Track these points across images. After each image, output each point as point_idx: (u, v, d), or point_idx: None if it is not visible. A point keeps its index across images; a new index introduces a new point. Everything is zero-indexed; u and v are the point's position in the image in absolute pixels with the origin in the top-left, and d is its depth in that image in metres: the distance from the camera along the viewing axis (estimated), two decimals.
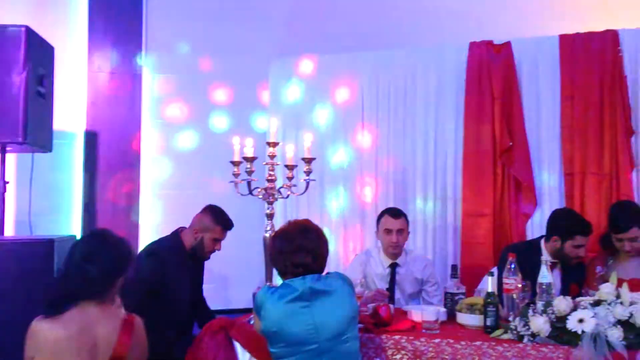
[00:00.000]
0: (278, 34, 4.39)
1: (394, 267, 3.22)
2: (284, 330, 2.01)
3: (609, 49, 3.48)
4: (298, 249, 2.09)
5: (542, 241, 2.99)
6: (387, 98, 3.98)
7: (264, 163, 2.64)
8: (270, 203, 2.63)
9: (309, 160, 2.72)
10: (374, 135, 4.01)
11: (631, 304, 2.02)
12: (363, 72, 4.05)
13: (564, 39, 3.59)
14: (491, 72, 3.69)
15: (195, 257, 3.04)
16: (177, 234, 3.04)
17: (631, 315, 2.00)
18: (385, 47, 4.10)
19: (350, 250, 3.97)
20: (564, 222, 2.94)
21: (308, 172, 2.71)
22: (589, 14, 3.87)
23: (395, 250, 3.19)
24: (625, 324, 1.99)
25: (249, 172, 2.59)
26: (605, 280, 2.85)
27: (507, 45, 3.70)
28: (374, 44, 4.15)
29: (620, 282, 2.32)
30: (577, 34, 3.58)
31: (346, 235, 4.02)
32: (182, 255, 2.98)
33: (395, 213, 3.23)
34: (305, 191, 2.74)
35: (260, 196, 2.63)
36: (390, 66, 3.99)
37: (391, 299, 3.09)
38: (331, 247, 3.66)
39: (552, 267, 2.86)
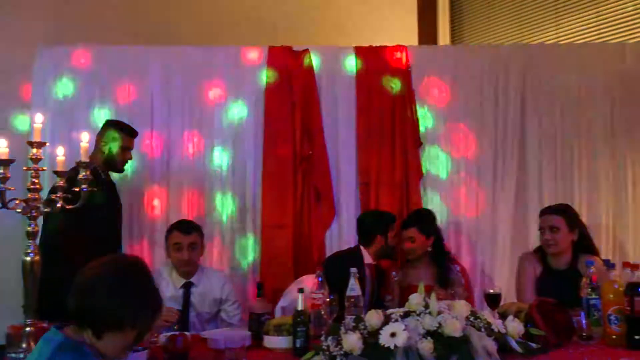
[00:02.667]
0: (47, 22, 3.73)
1: (188, 287, 2.86)
2: None
3: (401, 64, 3.64)
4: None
5: (362, 248, 2.98)
6: (180, 99, 3.60)
7: (25, 168, 2.09)
8: (33, 218, 2.08)
9: (86, 166, 2.23)
10: (164, 139, 3.60)
11: (439, 313, 2.01)
12: (153, 69, 3.61)
13: (360, 51, 3.66)
14: (291, 79, 3.59)
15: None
16: None
17: (440, 325, 1.97)
18: (178, 43, 3.74)
19: None
20: (379, 220, 3.05)
21: (86, 181, 2.21)
22: (383, 29, 4.05)
23: (186, 268, 2.84)
24: (435, 335, 1.96)
25: (3, 179, 2.01)
26: (401, 285, 2.93)
27: (306, 52, 3.65)
28: (165, 39, 3.77)
29: (414, 289, 2.33)
30: (372, 47, 3.69)
31: (133, 253, 3.51)
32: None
33: (185, 227, 2.88)
34: (82, 202, 2.24)
35: (19, 210, 2.06)
36: (184, 64, 3.63)
37: (185, 324, 2.73)
38: None
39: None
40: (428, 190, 3.63)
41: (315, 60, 3.63)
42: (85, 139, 2.29)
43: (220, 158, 3.60)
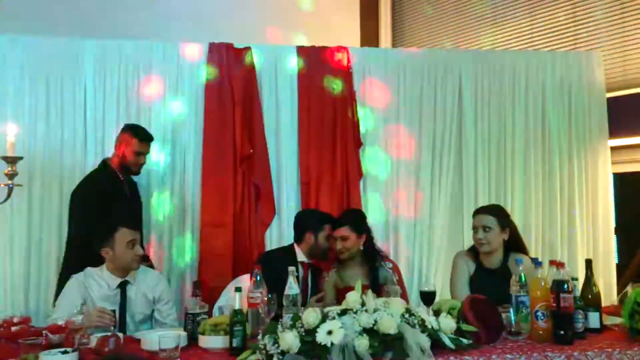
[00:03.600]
0: None
1: (124, 285, 2.77)
2: None
3: (342, 65, 3.66)
4: None
5: (295, 245, 2.97)
6: (116, 94, 3.49)
7: None
8: None
9: (12, 160, 2.12)
10: (100, 134, 3.47)
11: (375, 310, 2.03)
12: (87, 62, 3.48)
13: (302, 51, 3.66)
14: (231, 76, 3.54)
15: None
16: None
17: (375, 322, 2.00)
18: (112, 36, 3.62)
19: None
20: (311, 217, 3.05)
21: (11, 175, 2.10)
22: (326, 30, 4.06)
23: (138, 264, 2.77)
24: (370, 332, 1.98)
25: None
26: (337, 287, 2.95)
27: (248, 50, 3.61)
28: (98, 32, 3.63)
29: (351, 289, 2.35)
30: (313, 47, 3.69)
31: None
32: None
33: (132, 223, 2.80)
34: (6, 199, 2.13)
35: None
36: (120, 58, 3.52)
37: (122, 325, 2.64)
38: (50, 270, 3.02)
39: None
40: (368, 190, 3.67)
41: (256, 58, 3.61)
42: (12, 132, 2.18)
43: (158, 156, 3.51)
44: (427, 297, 2.54)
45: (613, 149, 4.03)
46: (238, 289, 2.20)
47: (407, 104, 3.77)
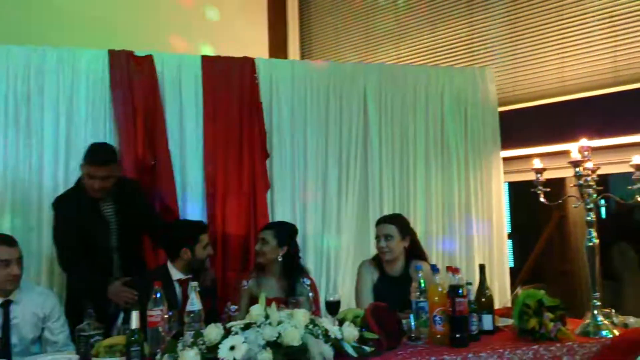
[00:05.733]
0: None
1: (7, 305, 2.57)
2: None
3: (247, 76, 3.64)
4: None
5: (168, 263, 2.87)
6: (4, 100, 3.25)
7: None
8: None
9: None
10: None
11: (279, 323, 2.02)
12: None
13: (207, 61, 3.60)
14: (132, 85, 3.41)
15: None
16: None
17: (280, 335, 1.99)
18: (4, 42, 3.38)
19: None
20: (183, 231, 2.92)
21: None
22: (234, 40, 4.02)
23: (15, 285, 2.57)
24: (274, 345, 1.97)
25: None
26: (252, 295, 2.89)
27: (149, 58, 3.50)
28: None
29: (267, 301, 2.33)
30: (219, 57, 3.65)
31: None
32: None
33: (9, 240, 2.60)
34: None
35: None
36: (10, 64, 3.29)
37: (6, 350, 2.45)
38: None
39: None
40: (276, 201, 3.66)
41: (159, 67, 3.50)
42: None
43: (55, 168, 3.30)
44: (332, 307, 2.57)
45: (506, 159, 4.29)
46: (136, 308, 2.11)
47: (313, 115, 3.81)
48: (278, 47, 5.40)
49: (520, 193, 4.53)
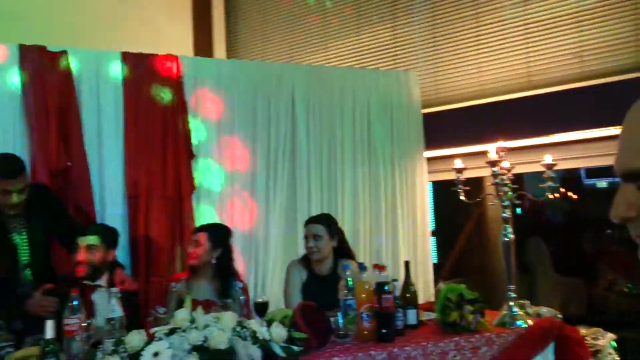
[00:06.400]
0: None
1: None
2: None
3: (171, 74, 3.54)
4: None
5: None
6: None
7: None
8: None
9: None
10: None
11: (206, 326, 1.97)
12: None
13: (127, 57, 3.46)
14: (45, 82, 3.22)
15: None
16: None
17: (206, 339, 1.94)
18: None
19: None
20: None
21: None
22: (158, 38, 3.89)
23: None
24: (201, 349, 1.92)
25: None
26: (181, 298, 2.81)
27: (64, 54, 3.31)
28: None
29: (194, 302, 2.27)
30: (140, 54, 3.51)
31: None
32: None
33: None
34: None
35: None
36: None
37: None
38: None
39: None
40: (201, 203, 3.58)
41: (74, 63, 3.32)
42: None
43: None
44: (260, 308, 2.55)
45: (430, 159, 4.43)
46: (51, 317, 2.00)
47: (241, 115, 3.76)
48: (203, 47, 5.30)
49: (444, 192, 4.69)
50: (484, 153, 2.91)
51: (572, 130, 3.78)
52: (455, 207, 4.51)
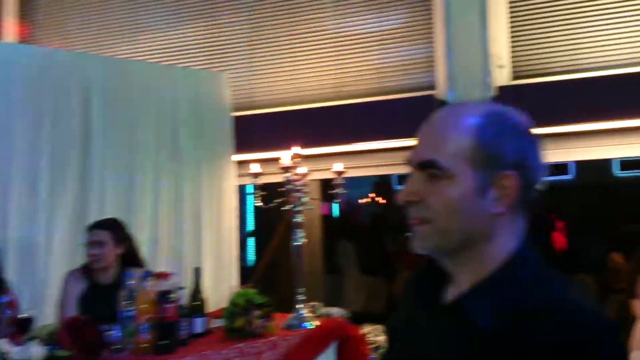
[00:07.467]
0: None
1: None
2: None
3: None
4: None
5: None
6: None
7: None
8: None
9: None
10: None
11: None
12: None
13: None
14: None
15: None
16: None
17: None
18: None
19: None
20: None
21: None
22: None
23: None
24: None
25: None
26: None
27: None
28: None
29: None
30: None
31: None
32: None
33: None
34: None
35: None
36: None
37: None
38: None
39: None
40: None
41: None
42: None
43: None
44: (23, 324, 2.27)
45: (241, 162, 4.38)
46: None
47: (22, 106, 3.33)
48: None
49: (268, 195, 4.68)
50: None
51: (372, 140, 4.03)
52: (273, 209, 4.55)
